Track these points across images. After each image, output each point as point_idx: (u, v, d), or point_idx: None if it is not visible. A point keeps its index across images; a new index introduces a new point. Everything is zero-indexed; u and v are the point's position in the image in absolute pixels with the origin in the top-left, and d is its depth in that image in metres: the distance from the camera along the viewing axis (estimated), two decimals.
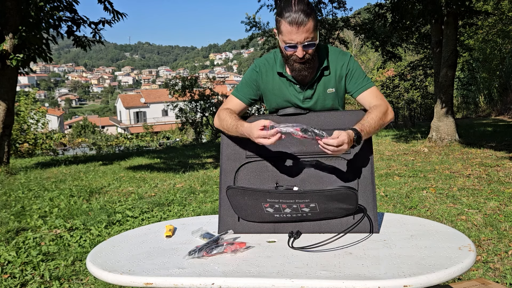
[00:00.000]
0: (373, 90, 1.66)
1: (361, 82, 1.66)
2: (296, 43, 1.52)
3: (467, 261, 1.19)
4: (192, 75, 18.97)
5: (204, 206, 4.53)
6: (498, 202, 3.99)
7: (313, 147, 1.63)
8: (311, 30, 1.50)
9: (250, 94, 1.75)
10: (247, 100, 1.75)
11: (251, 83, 1.74)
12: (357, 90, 1.67)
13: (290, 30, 1.50)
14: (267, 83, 1.73)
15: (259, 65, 1.73)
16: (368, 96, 1.65)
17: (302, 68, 1.60)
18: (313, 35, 1.52)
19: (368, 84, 1.66)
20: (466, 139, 8.61)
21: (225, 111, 1.71)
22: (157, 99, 45.89)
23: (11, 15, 7.14)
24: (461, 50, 13.43)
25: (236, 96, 1.76)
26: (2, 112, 7.36)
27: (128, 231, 1.74)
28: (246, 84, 1.75)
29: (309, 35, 1.51)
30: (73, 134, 32.89)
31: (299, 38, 1.51)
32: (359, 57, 30.80)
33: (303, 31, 1.49)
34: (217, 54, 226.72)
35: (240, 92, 1.76)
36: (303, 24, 1.48)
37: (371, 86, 1.66)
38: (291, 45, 1.53)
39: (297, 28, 1.49)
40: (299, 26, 1.48)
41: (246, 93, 1.75)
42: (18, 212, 4.44)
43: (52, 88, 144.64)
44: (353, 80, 1.67)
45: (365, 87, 1.66)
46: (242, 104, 1.75)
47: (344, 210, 1.48)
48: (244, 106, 1.75)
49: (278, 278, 1.15)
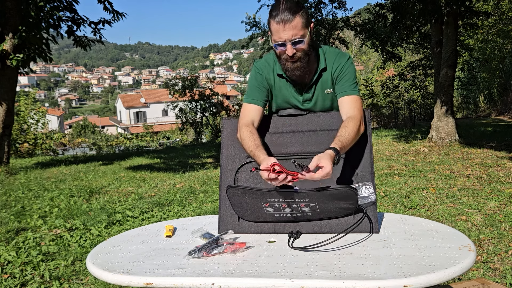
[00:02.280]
0: (353, 98, 1.64)
1: (347, 86, 1.65)
2: (284, 41, 1.53)
3: (467, 261, 1.19)
4: (192, 75, 18.97)
5: (204, 206, 4.53)
6: (498, 202, 3.99)
7: (313, 147, 1.64)
8: (299, 27, 1.51)
9: (262, 96, 1.72)
10: (262, 102, 1.72)
11: (260, 85, 1.72)
12: (340, 92, 1.66)
13: (277, 28, 1.52)
14: (270, 83, 1.73)
15: (260, 67, 1.73)
16: (347, 102, 1.63)
17: (294, 67, 1.60)
18: (302, 33, 1.52)
19: (352, 91, 1.65)
20: (466, 139, 8.61)
21: (246, 131, 1.62)
22: (157, 99, 45.90)
23: (11, 15, 7.14)
24: (461, 50, 13.43)
25: (251, 103, 1.71)
26: (2, 112, 7.36)
27: (128, 231, 1.74)
28: (256, 88, 1.73)
29: (297, 32, 1.51)
30: (73, 134, 32.88)
31: (286, 36, 1.52)
32: (359, 57, 30.78)
33: (290, 28, 1.50)
34: (217, 54, 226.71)
35: (252, 97, 1.72)
36: (289, 21, 1.49)
37: (354, 94, 1.64)
38: (280, 43, 1.54)
39: (284, 26, 1.50)
40: (285, 23, 1.50)
41: (259, 96, 1.72)
42: (18, 212, 4.44)
43: (52, 88, 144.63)
44: (340, 82, 1.67)
45: (348, 93, 1.64)
46: (259, 108, 1.70)
47: (344, 210, 1.48)
48: (261, 109, 1.72)
49: (278, 278, 1.15)
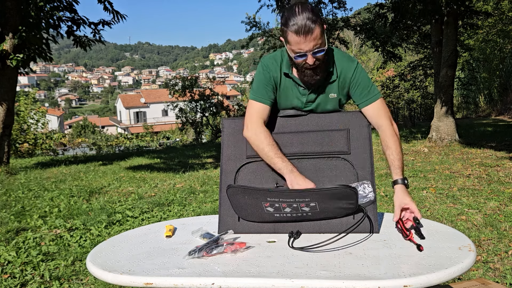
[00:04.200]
0: (378, 104, 1.64)
1: (367, 94, 1.64)
2: (305, 52, 1.49)
3: (467, 261, 1.19)
4: (192, 75, 18.98)
5: (204, 206, 4.53)
6: (498, 202, 3.99)
7: (313, 148, 1.64)
8: (318, 36, 1.47)
9: (270, 94, 1.68)
10: (270, 101, 1.69)
11: (268, 83, 1.68)
12: (362, 102, 1.65)
13: (297, 40, 1.47)
14: (277, 81, 1.70)
15: (267, 64, 1.69)
16: (373, 111, 1.63)
17: (313, 73, 1.59)
18: (321, 41, 1.49)
19: (374, 97, 1.64)
20: (466, 139, 8.61)
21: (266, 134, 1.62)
22: (157, 99, 45.89)
23: (11, 15, 7.14)
24: (461, 50, 13.44)
25: (258, 101, 1.67)
26: (2, 112, 7.36)
27: (128, 231, 1.74)
28: (264, 86, 1.68)
29: (317, 42, 1.48)
30: (73, 134, 32.89)
31: (307, 47, 1.48)
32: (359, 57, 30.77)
33: (311, 39, 1.46)
34: (217, 54, 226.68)
35: (261, 95, 1.68)
36: (310, 32, 1.44)
37: (377, 99, 1.64)
38: (301, 54, 1.50)
39: (305, 38, 1.45)
40: (307, 35, 1.45)
41: (267, 94, 1.68)
42: (18, 212, 4.44)
43: (52, 88, 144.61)
44: (358, 91, 1.65)
45: (371, 100, 1.64)
46: (267, 107, 1.68)
47: (344, 210, 1.48)
48: (269, 108, 1.69)
49: (278, 278, 1.15)
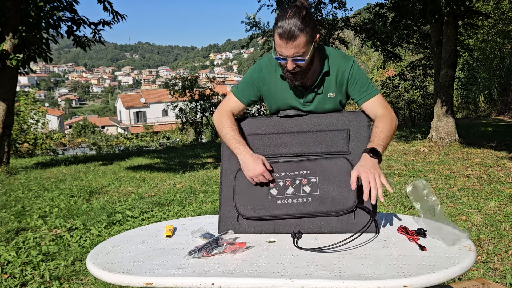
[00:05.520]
0: (377, 98, 1.64)
1: (365, 90, 1.64)
2: (285, 56, 1.49)
3: (467, 261, 1.19)
4: (192, 75, 18.94)
5: (204, 206, 4.53)
6: (498, 202, 3.99)
7: (313, 148, 1.64)
8: (301, 45, 1.45)
9: (250, 95, 1.74)
10: (246, 101, 1.75)
11: (252, 84, 1.72)
12: (361, 98, 1.65)
13: (279, 43, 1.47)
14: (269, 84, 1.70)
15: (261, 66, 1.70)
16: (372, 105, 1.64)
17: (292, 78, 1.59)
18: (304, 50, 1.47)
19: (373, 92, 1.64)
20: (466, 139, 8.61)
21: (228, 119, 1.69)
22: (157, 99, 45.89)
23: (11, 15, 7.14)
24: (461, 50, 13.44)
25: (236, 96, 1.75)
26: (2, 112, 7.36)
27: (128, 231, 1.74)
28: (247, 85, 1.73)
29: (298, 50, 1.46)
30: (73, 134, 32.90)
31: (288, 53, 1.47)
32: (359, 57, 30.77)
33: (292, 46, 1.45)
34: (217, 54, 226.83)
35: (241, 92, 1.74)
36: (292, 39, 1.43)
37: (376, 94, 1.64)
38: (281, 57, 1.51)
39: (286, 43, 1.44)
40: (288, 41, 1.43)
41: (246, 94, 1.74)
42: (18, 212, 4.44)
43: (52, 88, 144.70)
44: (356, 88, 1.65)
45: (370, 95, 1.64)
46: (241, 105, 1.75)
47: (344, 197, 1.50)
48: (243, 106, 1.75)
49: (278, 278, 1.15)
